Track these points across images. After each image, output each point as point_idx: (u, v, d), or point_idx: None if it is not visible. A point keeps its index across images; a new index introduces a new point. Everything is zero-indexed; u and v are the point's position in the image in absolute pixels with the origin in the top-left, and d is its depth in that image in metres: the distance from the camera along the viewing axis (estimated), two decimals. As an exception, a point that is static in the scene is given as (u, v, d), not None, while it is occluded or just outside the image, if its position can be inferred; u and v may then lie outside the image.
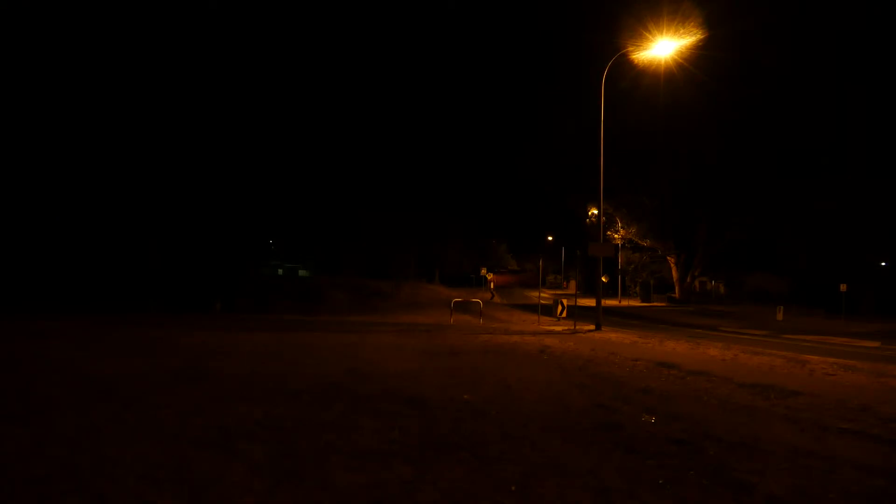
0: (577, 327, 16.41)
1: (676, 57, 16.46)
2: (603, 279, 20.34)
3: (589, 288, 41.07)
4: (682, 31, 15.75)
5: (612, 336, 14.60)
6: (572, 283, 50.85)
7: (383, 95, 36.41)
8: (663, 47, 16.02)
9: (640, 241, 43.61)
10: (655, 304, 40.37)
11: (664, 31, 15.83)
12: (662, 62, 16.86)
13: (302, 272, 48.91)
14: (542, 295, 29.12)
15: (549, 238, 62.46)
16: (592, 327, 16.41)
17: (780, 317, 26.98)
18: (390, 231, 37.80)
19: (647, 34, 15.98)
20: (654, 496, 3.49)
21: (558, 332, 15.43)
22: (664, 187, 40.65)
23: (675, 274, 43.72)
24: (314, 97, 34.25)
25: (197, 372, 7.26)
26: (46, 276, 23.76)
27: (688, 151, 38.16)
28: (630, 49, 16.51)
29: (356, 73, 36.16)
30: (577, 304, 18.08)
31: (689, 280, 43.66)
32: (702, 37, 16.00)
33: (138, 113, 25.32)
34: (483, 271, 44.75)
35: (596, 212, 36.18)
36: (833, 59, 39.93)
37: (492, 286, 41.00)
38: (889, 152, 38.14)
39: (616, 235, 42.83)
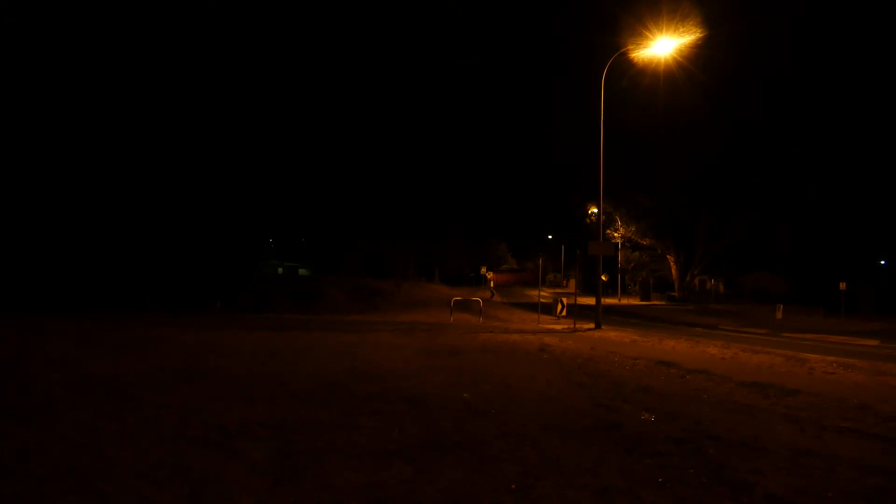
0: (577, 326, 16.42)
1: (676, 56, 16.48)
2: (603, 278, 20.34)
3: (589, 286, 41.06)
4: (681, 29, 15.76)
5: (612, 335, 14.60)
6: (572, 282, 50.87)
7: (382, 94, 36.32)
8: (663, 46, 16.02)
9: (639, 240, 43.69)
10: (655, 302, 40.40)
11: (664, 29, 15.84)
12: (662, 61, 16.89)
13: (302, 271, 48.94)
14: (542, 293, 29.13)
15: (549, 237, 62.53)
16: (592, 326, 16.42)
17: (779, 315, 26.98)
18: (390, 230, 37.76)
19: (647, 33, 15.99)
20: (654, 495, 3.49)
21: (558, 331, 15.43)
22: (664, 186, 40.69)
23: (674, 273, 43.75)
24: (313, 97, 34.16)
25: (197, 371, 7.26)
26: (46, 275, 23.71)
27: (688, 151, 38.17)
28: (630, 48, 16.51)
29: (355, 71, 36.07)
30: (577, 302, 18.08)
31: (688, 279, 43.68)
32: (701, 36, 16.02)
33: (138, 111, 25.30)
34: (483, 270, 44.75)
35: (596, 211, 36.17)
36: (834, 58, 39.92)
37: (492, 285, 41.01)
38: (889, 152, 38.15)
39: (616, 234, 42.89)
